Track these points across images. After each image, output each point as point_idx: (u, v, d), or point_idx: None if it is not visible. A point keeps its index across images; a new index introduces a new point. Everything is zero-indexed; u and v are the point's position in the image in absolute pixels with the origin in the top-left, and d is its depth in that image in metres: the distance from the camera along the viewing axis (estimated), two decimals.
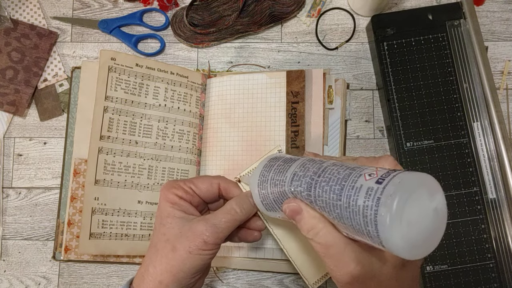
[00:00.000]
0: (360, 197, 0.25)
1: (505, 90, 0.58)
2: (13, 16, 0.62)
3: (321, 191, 0.28)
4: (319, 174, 0.29)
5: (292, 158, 0.35)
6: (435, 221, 0.25)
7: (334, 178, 0.28)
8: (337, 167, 0.29)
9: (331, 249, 0.29)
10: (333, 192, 0.27)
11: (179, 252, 0.36)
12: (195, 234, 0.36)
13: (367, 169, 0.27)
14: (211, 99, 0.58)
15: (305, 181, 0.30)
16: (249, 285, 0.56)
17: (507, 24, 0.60)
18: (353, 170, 0.27)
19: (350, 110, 0.59)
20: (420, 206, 0.24)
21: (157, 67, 0.57)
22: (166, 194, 0.39)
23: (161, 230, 0.38)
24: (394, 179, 0.24)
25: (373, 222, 0.24)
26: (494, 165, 0.53)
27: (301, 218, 0.31)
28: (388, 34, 0.56)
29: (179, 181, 0.40)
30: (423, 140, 0.54)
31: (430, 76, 0.55)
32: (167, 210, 0.38)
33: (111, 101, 0.54)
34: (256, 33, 0.61)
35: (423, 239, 0.25)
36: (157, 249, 0.37)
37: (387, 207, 0.23)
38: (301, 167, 0.32)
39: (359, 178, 0.26)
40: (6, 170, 0.60)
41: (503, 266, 0.51)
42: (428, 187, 0.25)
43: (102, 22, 0.61)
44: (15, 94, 0.60)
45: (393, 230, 0.23)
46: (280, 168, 0.34)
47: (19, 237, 0.59)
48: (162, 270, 0.36)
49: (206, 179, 0.41)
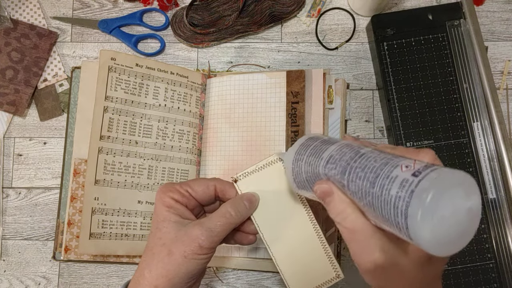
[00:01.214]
0: (393, 188, 0.25)
1: (505, 90, 0.58)
2: (13, 16, 0.62)
3: (355, 176, 0.28)
4: (356, 160, 0.29)
5: (331, 140, 0.34)
6: (467, 221, 0.25)
7: (370, 165, 0.27)
8: (374, 155, 0.28)
9: (357, 235, 0.29)
10: (367, 179, 0.27)
11: (175, 256, 0.36)
12: (190, 238, 0.36)
13: (404, 160, 0.26)
14: (211, 99, 0.58)
15: (340, 164, 0.30)
16: (249, 285, 0.56)
17: (507, 24, 0.60)
18: (390, 160, 0.27)
19: (350, 110, 0.59)
20: (453, 204, 0.24)
21: (157, 67, 0.57)
22: (162, 198, 0.38)
23: (157, 234, 0.37)
24: (431, 173, 0.24)
25: (403, 214, 0.24)
26: (494, 165, 0.53)
27: (331, 200, 0.31)
28: (388, 34, 0.56)
29: (175, 184, 0.40)
30: (423, 140, 0.54)
31: (430, 76, 0.55)
32: (163, 214, 0.38)
33: (111, 101, 0.54)
34: (256, 33, 0.61)
35: (452, 237, 0.24)
36: (153, 253, 0.37)
37: (420, 201, 0.23)
38: (338, 150, 0.31)
39: (395, 169, 0.26)
40: (6, 170, 0.60)
41: (503, 266, 0.51)
42: (464, 186, 0.24)
43: (102, 22, 0.61)
44: (15, 94, 0.60)
45: (423, 225, 0.23)
46: (317, 149, 0.33)
47: (19, 237, 0.59)
48: (158, 275, 0.36)
49: (202, 181, 0.41)
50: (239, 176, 0.42)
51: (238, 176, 0.42)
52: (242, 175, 0.42)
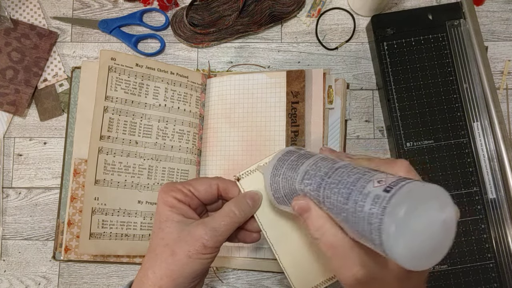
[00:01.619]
0: (366, 204, 0.25)
1: (505, 90, 0.58)
2: (13, 16, 0.62)
3: (330, 192, 0.28)
4: (329, 175, 0.29)
5: (307, 154, 0.34)
6: (442, 234, 0.25)
7: (343, 181, 0.27)
8: (348, 170, 0.28)
9: (337, 250, 0.29)
10: (341, 195, 0.27)
11: (179, 256, 0.36)
12: (194, 238, 0.36)
13: (377, 174, 0.26)
14: (211, 99, 0.58)
15: (315, 181, 0.30)
16: (249, 285, 0.56)
17: (507, 24, 0.60)
18: (363, 175, 0.27)
19: (350, 110, 0.59)
20: (427, 217, 0.24)
21: (157, 67, 0.57)
22: (165, 198, 0.38)
23: (160, 235, 0.37)
24: (402, 188, 0.24)
25: (377, 230, 0.24)
26: (494, 165, 0.53)
27: (309, 216, 0.31)
28: (388, 34, 0.56)
29: (177, 183, 0.40)
30: (423, 140, 0.54)
31: (430, 76, 0.55)
32: (165, 214, 0.37)
33: (111, 101, 0.54)
34: (256, 33, 0.61)
35: (428, 251, 0.24)
36: (156, 253, 0.37)
37: (392, 217, 0.23)
38: (313, 165, 0.31)
39: (368, 184, 0.26)
40: (6, 170, 0.60)
41: (503, 266, 0.51)
42: (437, 199, 0.24)
43: (102, 22, 0.61)
44: (15, 94, 0.60)
45: (397, 240, 0.23)
46: (293, 164, 0.33)
47: (19, 237, 0.59)
48: (162, 275, 0.36)
49: (205, 180, 0.40)
50: (241, 174, 0.42)
51: (241, 175, 0.42)
52: (244, 173, 0.42)
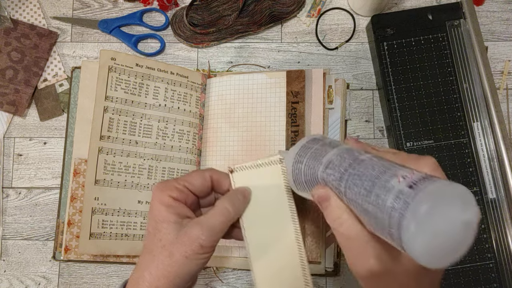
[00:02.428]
0: (389, 198, 0.25)
1: (505, 90, 0.58)
2: (13, 16, 0.62)
3: (352, 184, 0.28)
4: (354, 166, 0.29)
5: (332, 143, 0.34)
6: (462, 234, 0.25)
7: (367, 173, 0.27)
8: (372, 162, 0.28)
9: (353, 241, 0.29)
10: (363, 187, 0.27)
11: (176, 257, 0.36)
12: (191, 239, 0.36)
13: (402, 170, 0.26)
14: (211, 99, 0.58)
15: (339, 170, 0.30)
16: (249, 285, 0.56)
17: (507, 24, 0.60)
18: (387, 169, 0.27)
19: (350, 110, 0.59)
20: (449, 217, 0.24)
21: (157, 67, 0.57)
22: (161, 197, 0.38)
23: (157, 236, 0.37)
24: (426, 187, 0.23)
25: (397, 226, 0.24)
26: (494, 165, 0.53)
27: (328, 205, 0.31)
28: (388, 34, 0.56)
29: (172, 181, 0.39)
30: (423, 140, 0.54)
31: (430, 76, 0.55)
32: (162, 214, 0.37)
33: (111, 101, 0.54)
34: (256, 33, 0.61)
35: (446, 250, 0.24)
36: (153, 255, 0.37)
37: (414, 214, 0.23)
38: (337, 155, 0.31)
39: (392, 179, 0.25)
40: (6, 170, 0.60)
41: (503, 266, 0.51)
42: (461, 200, 0.24)
43: (102, 22, 0.61)
44: (15, 94, 0.60)
45: (416, 238, 0.23)
46: (317, 153, 0.33)
47: (19, 237, 0.59)
48: (159, 276, 0.36)
49: (199, 173, 0.40)
50: (236, 167, 0.41)
51: (235, 168, 0.41)
52: (239, 167, 0.41)
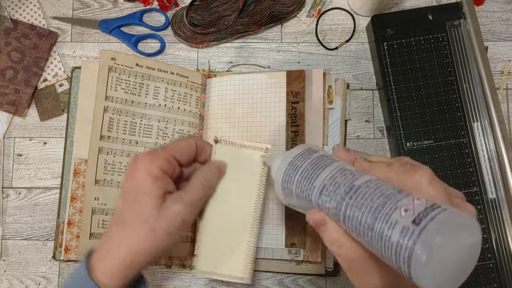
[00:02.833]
0: (394, 234, 0.25)
1: (505, 90, 0.58)
2: (13, 16, 0.62)
3: (352, 215, 0.28)
4: (351, 196, 0.28)
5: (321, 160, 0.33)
6: (468, 259, 0.25)
7: (366, 204, 0.27)
8: (370, 190, 0.28)
9: (354, 263, 0.29)
10: (365, 220, 0.27)
11: (158, 233, 0.35)
12: (173, 215, 0.35)
13: (402, 199, 0.26)
14: (211, 99, 0.58)
15: (335, 199, 0.29)
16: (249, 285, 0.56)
17: (507, 24, 0.60)
18: (388, 199, 0.26)
19: (350, 110, 0.59)
20: (456, 246, 0.24)
21: (157, 67, 0.57)
22: (150, 168, 0.36)
23: (136, 208, 0.36)
24: (432, 223, 0.23)
25: (406, 262, 0.24)
26: (494, 165, 0.53)
27: (325, 230, 0.31)
28: (388, 34, 0.56)
29: (160, 150, 0.38)
30: (423, 140, 0.54)
31: (430, 76, 0.55)
32: (147, 186, 0.36)
33: (111, 101, 0.54)
34: (256, 33, 0.61)
35: (454, 276, 0.25)
36: (132, 229, 0.35)
37: (423, 251, 0.23)
38: (331, 179, 0.30)
39: (394, 212, 0.25)
40: (6, 170, 0.60)
41: (503, 266, 0.51)
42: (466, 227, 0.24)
43: (102, 22, 0.61)
44: (15, 94, 0.60)
45: (426, 273, 0.23)
46: (307, 174, 0.32)
47: (19, 237, 0.59)
48: (140, 251, 0.35)
49: (186, 142, 0.39)
50: (222, 139, 0.41)
51: (221, 139, 0.41)
52: (225, 141, 0.41)
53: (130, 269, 0.36)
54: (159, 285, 0.56)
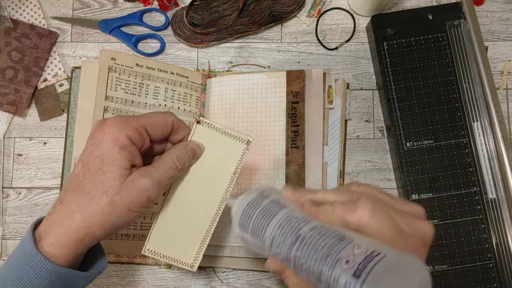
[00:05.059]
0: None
1: (505, 90, 0.58)
2: (13, 16, 0.62)
3: (300, 268, 0.29)
4: (297, 247, 0.29)
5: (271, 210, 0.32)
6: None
7: (312, 256, 0.28)
8: (313, 241, 0.28)
9: None
10: (312, 273, 0.27)
11: (118, 207, 0.33)
12: (138, 189, 0.33)
13: (343, 251, 0.26)
14: (211, 99, 0.58)
15: (283, 251, 0.30)
16: (249, 285, 0.56)
17: (507, 24, 0.60)
18: (330, 250, 0.27)
19: (350, 110, 0.59)
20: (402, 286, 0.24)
21: (157, 67, 0.57)
22: (117, 135, 0.34)
23: (98, 177, 0.33)
24: (371, 275, 0.24)
25: None
26: (494, 165, 0.53)
27: (285, 277, 0.32)
28: (388, 34, 0.56)
29: (131, 118, 0.35)
30: (423, 140, 0.54)
31: (430, 76, 0.55)
32: (113, 155, 0.33)
33: (111, 101, 0.54)
34: (256, 33, 0.61)
35: None
36: (91, 198, 0.33)
37: None
38: (279, 229, 0.31)
39: (336, 265, 0.26)
40: (6, 170, 0.60)
41: (503, 266, 0.51)
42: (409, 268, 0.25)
43: (102, 22, 0.61)
44: (15, 94, 0.60)
45: None
46: (258, 224, 0.33)
47: (19, 237, 0.59)
48: (94, 224, 0.33)
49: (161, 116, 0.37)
50: (204, 121, 0.39)
51: (203, 121, 0.40)
52: (207, 123, 0.39)
53: (82, 242, 0.33)
54: (159, 285, 0.56)
